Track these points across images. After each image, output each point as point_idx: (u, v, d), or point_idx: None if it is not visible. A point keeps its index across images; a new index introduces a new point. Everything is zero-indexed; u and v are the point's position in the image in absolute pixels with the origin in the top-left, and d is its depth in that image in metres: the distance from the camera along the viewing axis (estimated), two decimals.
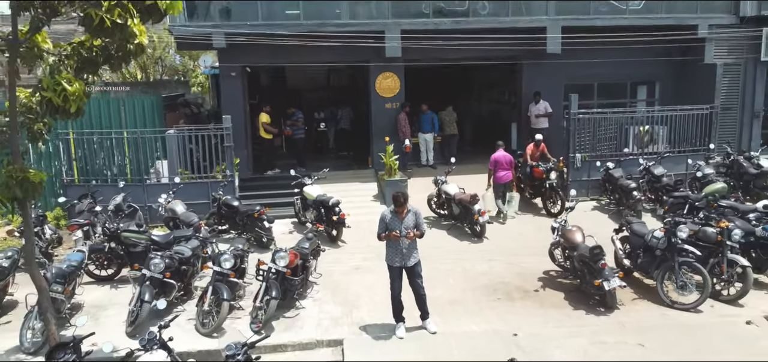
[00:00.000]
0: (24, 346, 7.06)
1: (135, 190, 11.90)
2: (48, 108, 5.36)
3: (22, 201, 5.56)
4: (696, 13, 14.41)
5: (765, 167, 12.70)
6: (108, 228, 9.24)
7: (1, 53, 5.49)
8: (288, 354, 7.07)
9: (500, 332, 7.12)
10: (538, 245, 9.76)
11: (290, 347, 7.15)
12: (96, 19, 4.90)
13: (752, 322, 7.38)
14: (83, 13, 5.03)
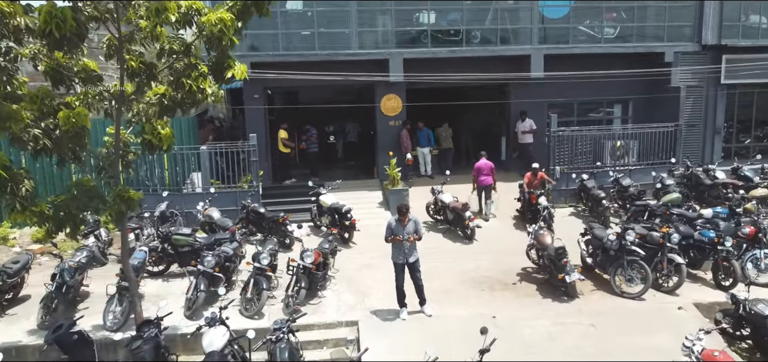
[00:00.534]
0: (107, 325, 8.92)
1: (174, 198, 13.76)
2: (146, 146, 7.23)
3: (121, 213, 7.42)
4: (663, 41, 16.31)
5: (720, 179, 14.59)
6: (162, 232, 11.11)
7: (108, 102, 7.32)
8: (315, 332, 8.93)
9: (483, 315, 8.95)
10: (520, 247, 11.56)
11: (316, 326, 9.01)
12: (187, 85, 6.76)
13: (683, 308, 9.24)
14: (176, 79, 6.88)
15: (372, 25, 15.47)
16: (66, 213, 7.00)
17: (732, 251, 9.97)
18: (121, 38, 6.86)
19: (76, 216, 7.17)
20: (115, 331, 8.84)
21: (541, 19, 15.89)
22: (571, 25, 16.06)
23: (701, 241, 10.34)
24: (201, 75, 6.90)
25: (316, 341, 8.75)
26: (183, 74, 6.88)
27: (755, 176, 14.80)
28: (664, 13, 16.34)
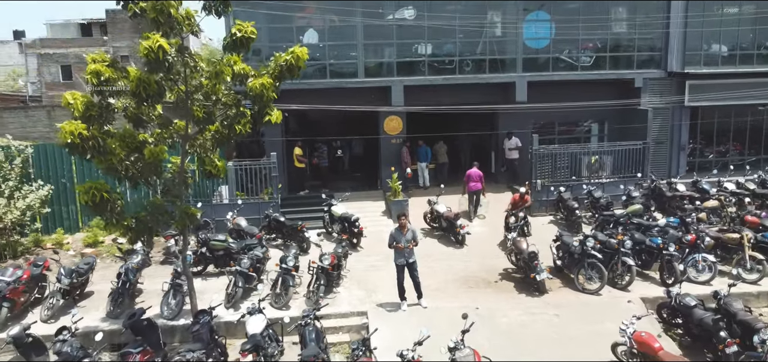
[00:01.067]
0: (164, 314, 10.97)
1: (206, 208, 15.80)
2: (205, 173, 9.30)
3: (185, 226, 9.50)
4: (633, 69, 18.40)
5: (679, 191, 16.65)
6: (202, 238, 13.18)
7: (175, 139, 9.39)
8: (332, 320, 10.96)
9: (467, 306, 10.94)
10: (503, 252, 13.63)
11: (334, 316, 11.06)
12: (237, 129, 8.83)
13: (631, 302, 11.28)
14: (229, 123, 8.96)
15: (376, 57, 17.56)
16: (144, 226, 9.08)
17: (675, 255, 12.01)
18: (188, 93, 8.93)
19: (152, 229, 9.24)
20: (171, 320, 10.91)
21: (525, 49, 17.99)
22: (552, 54, 18.16)
23: (650, 247, 12.41)
24: (247, 121, 8.99)
25: (334, 327, 10.80)
26: (234, 120, 8.95)
27: (711, 188, 16.84)
28: (634, 43, 18.44)
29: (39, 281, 11.76)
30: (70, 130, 8.12)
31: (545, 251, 12.78)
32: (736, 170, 18.44)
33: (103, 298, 11.79)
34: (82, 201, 8.82)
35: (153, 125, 9.33)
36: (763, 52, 19.02)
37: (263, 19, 16.61)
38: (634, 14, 18.38)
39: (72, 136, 8.08)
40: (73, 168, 15.84)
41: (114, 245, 15.07)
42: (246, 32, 8.75)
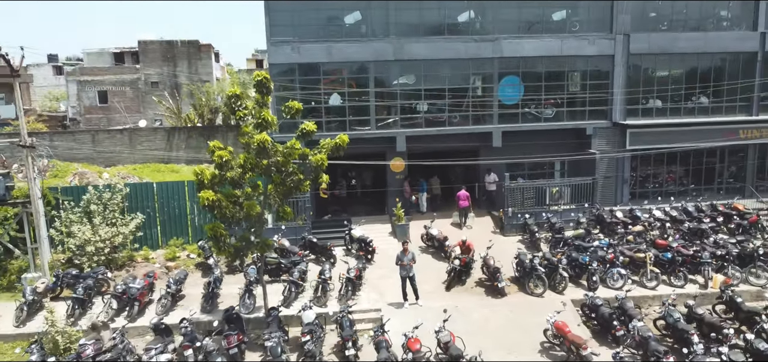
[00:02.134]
0: (242, 311, 15.81)
1: None
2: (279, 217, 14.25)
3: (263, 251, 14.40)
4: (585, 120, 23.30)
5: (617, 218, 21.51)
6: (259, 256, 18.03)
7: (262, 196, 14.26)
8: (358, 314, 15.78)
9: (449, 305, 15.80)
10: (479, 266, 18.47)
11: (357, 311, 15.87)
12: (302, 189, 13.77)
13: (564, 302, 16.12)
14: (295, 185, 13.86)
15: (384, 114, 22.50)
16: (239, 251, 13.98)
17: (596, 269, 16.86)
18: (269, 167, 13.80)
19: (243, 254, 14.14)
20: (248, 314, 15.76)
21: (500, 105, 22.90)
22: (521, 110, 23.07)
23: (581, 263, 17.30)
24: (307, 183, 13.89)
25: (359, 319, 15.65)
26: (299, 184, 13.84)
27: (642, 215, 21.68)
28: (586, 100, 23.35)
29: (151, 288, 16.68)
30: (206, 196, 12.99)
31: (508, 266, 17.69)
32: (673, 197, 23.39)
33: (194, 299, 16.68)
34: (208, 234, 13.73)
35: (245, 185, 14.19)
36: (689, 106, 23.92)
37: (300, 83, 21.56)
38: (586, 79, 23.28)
39: (207, 201, 12.96)
40: (155, 203, 20.70)
41: (188, 259, 19.96)
42: (308, 128, 13.69)
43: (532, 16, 22.62)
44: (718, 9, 23.65)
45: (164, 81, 51.01)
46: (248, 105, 13.96)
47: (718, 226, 20.93)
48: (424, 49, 21.85)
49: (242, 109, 13.78)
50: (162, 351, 13.07)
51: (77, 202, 19.32)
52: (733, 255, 17.44)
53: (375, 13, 21.66)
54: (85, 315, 15.68)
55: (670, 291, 16.02)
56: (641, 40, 22.87)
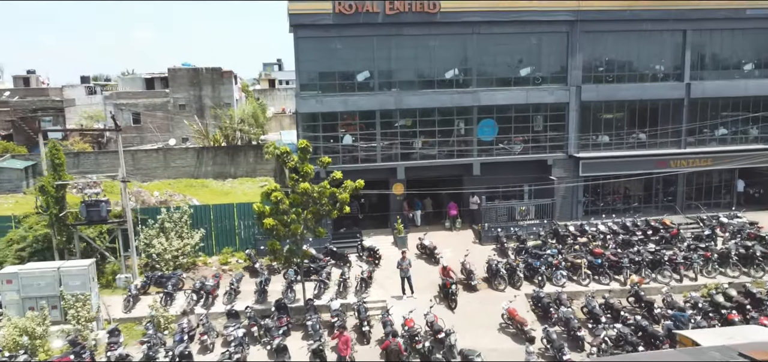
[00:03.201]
0: (285, 302, 21.64)
1: None
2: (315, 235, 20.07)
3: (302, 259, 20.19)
4: (546, 153, 29.15)
5: (570, 231, 27.32)
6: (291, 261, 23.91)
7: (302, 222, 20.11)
8: (369, 304, 21.57)
9: (435, 297, 21.67)
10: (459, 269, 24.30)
11: (370, 302, 21.62)
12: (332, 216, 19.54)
13: (518, 295, 21.97)
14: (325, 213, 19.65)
15: (387, 150, 28.37)
16: (288, 258, 19.85)
17: (544, 271, 22.67)
18: (308, 201, 19.65)
19: (291, 260, 20.01)
20: (290, 305, 21.58)
21: (479, 142, 28.75)
22: (495, 146, 28.94)
23: (534, 267, 23.14)
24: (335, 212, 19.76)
25: (370, 308, 21.44)
26: (329, 212, 19.68)
27: (589, 229, 27.46)
28: (547, 137, 29.22)
29: (218, 285, 22.54)
30: (267, 223, 18.84)
31: (481, 269, 23.52)
32: (614, 215, 29.23)
33: (248, 294, 22.49)
34: (269, 249, 19.63)
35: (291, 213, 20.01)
36: (629, 141, 29.79)
37: (321, 129, 27.49)
38: (547, 120, 29.15)
39: (269, 226, 18.83)
40: (211, 220, 26.54)
41: (237, 264, 25.82)
42: (337, 175, 19.59)
43: (503, 73, 28.53)
44: (653, 64, 29.53)
45: (191, 103, 57.01)
46: (294, 158, 19.79)
47: (647, 238, 26.73)
48: (418, 100, 27.75)
49: (290, 161, 19.65)
50: (237, 327, 18.91)
51: (154, 220, 25.20)
52: (647, 261, 23.29)
53: (380, 71, 27.56)
54: (172, 304, 21.51)
55: (599, 288, 21.91)
56: (590, 90, 28.74)
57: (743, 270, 23.19)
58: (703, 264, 23.25)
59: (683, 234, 26.91)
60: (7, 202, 41.49)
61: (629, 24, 28.48)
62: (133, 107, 56.46)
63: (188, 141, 55.00)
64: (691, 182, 30.62)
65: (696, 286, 22.18)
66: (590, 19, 27.96)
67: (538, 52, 28.73)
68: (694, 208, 30.18)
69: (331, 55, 27.17)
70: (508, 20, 27.44)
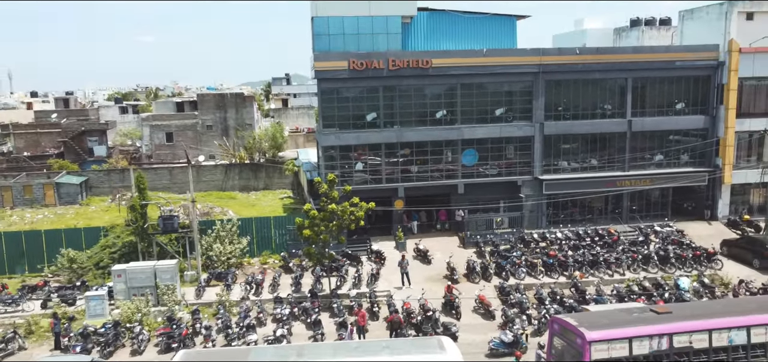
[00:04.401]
0: (317, 291, 28.81)
1: None
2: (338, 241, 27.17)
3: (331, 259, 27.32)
4: (517, 175, 36.32)
5: (534, 238, 34.44)
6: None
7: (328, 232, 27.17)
8: (379, 293, 28.78)
9: (427, 288, 28.74)
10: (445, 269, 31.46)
11: (378, 292, 28.79)
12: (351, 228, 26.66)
13: (488, 285, 29.12)
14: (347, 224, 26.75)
15: (390, 174, 35.58)
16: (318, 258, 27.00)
17: (508, 268, 29.80)
18: (334, 217, 26.77)
19: (319, 260, 27.15)
20: (319, 293, 28.71)
21: (463, 167, 35.93)
22: (476, 170, 36.13)
23: (503, 265, 30.28)
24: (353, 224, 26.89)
25: (378, 295, 28.60)
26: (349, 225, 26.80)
27: (550, 236, 34.55)
28: (517, 163, 36.39)
29: (264, 279, 29.71)
30: (306, 233, 26.01)
31: (462, 267, 30.65)
32: (570, 224, 36.34)
33: (284, 286, 29.61)
34: (306, 253, 26.83)
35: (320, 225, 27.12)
36: (583, 166, 36.95)
37: (339, 157, 34.74)
38: (517, 149, 36.34)
39: (306, 234, 26.00)
40: (253, 230, 33.70)
41: (274, 264, 32.98)
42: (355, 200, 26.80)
43: (482, 113, 35.73)
44: (601, 104, 36.72)
45: (216, 124, 64.35)
46: (324, 186, 26.91)
47: (594, 243, 33.81)
48: (415, 135, 34.97)
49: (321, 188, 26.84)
50: (283, 308, 26.02)
51: (212, 230, 32.36)
52: (588, 261, 30.42)
53: (385, 113, 34.79)
54: (230, 293, 28.62)
55: (550, 281, 29.07)
56: (551, 125, 35.93)
57: (661, 268, 30.32)
58: (630, 264, 30.42)
59: (623, 239, 34.08)
60: (68, 213, 48.90)
61: (582, 73, 35.71)
62: (166, 128, 63.70)
63: (214, 158, 62.29)
64: (634, 198, 37.78)
65: (623, 280, 29.30)
66: (550, 71, 35.19)
67: (509, 96, 35.93)
68: (635, 219, 37.30)
69: (346, 100, 34.42)
70: (485, 72, 34.66)
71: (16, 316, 26.66)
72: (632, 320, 17.99)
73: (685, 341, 17.23)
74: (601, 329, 17.14)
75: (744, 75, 36.16)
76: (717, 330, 17.44)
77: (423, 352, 16.78)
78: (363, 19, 34.35)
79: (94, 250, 31.35)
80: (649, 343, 17.08)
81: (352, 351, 17.42)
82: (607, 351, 16.80)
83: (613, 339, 16.94)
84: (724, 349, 17.41)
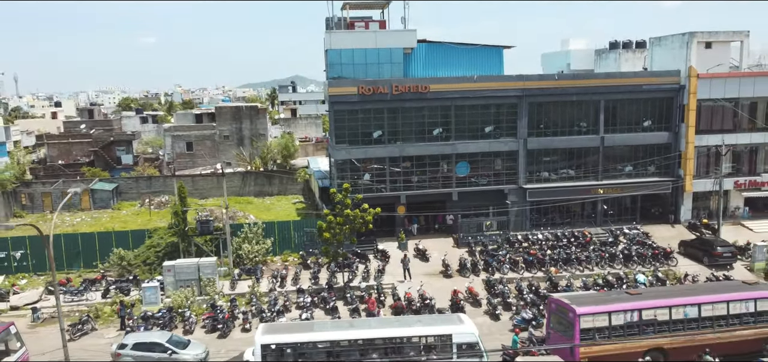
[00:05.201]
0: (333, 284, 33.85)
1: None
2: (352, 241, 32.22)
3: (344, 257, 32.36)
4: (503, 185, 41.36)
5: (519, 238, 39.47)
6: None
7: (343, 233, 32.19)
8: (385, 286, 33.84)
9: (427, 281, 33.79)
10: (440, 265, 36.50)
11: (385, 284, 33.85)
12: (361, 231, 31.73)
13: (473, 278, 34.19)
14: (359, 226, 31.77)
15: (393, 184, 40.65)
16: (335, 255, 32.05)
17: (494, 264, 34.83)
18: (348, 221, 31.80)
19: (334, 257, 32.18)
20: (335, 285, 33.76)
21: (457, 177, 40.99)
22: (468, 180, 41.19)
23: (490, 262, 35.33)
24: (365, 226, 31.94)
25: (384, 286, 33.63)
26: (360, 228, 31.84)
27: (532, 237, 39.56)
28: (504, 174, 41.45)
29: (286, 274, 34.76)
30: (326, 234, 31.07)
31: (456, 264, 35.69)
32: (549, 227, 41.36)
33: (304, 279, 34.66)
34: (324, 251, 31.90)
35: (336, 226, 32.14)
36: (563, 176, 42.00)
37: (349, 169, 39.83)
38: (504, 162, 41.39)
39: (327, 235, 31.06)
40: (276, 232, 38.76)
41: (293, 261, 38.02)
42: (365, 207, 31.86)
43: (473, 130, 40.79)
44: (577, 122, 41.77)
45: (233, 135, 69.40)
46: (339, 196, 32.01)
47: (569, 243, 38.82)
48: (415, 149, 40.03)
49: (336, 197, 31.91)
50: (305, 297, 31.04)
51: (241, 232, 37.44)
52: (562, 258, 35.46)
53: (389, 131, 39.84)
54: (259, 285, 33.64)
55: (529, 275, 34.09)
56: (533, 141, 40.98)
57: (624, 265, 35.34)
58: (599, 261, 35.46)
59: (595, 240, 39.14)
60: (103, 216, 54.04)
61: (560, 96, 40.79)
62: (186, 138, 68.79)
63: (231, 165, 67.36)
64: (607, 204, 42.83)
65: (591, 275, 34.32)
66: (532, 94, 40.26)
67: (496, 116, 40.99)
68: (607, 222, 42.36)
69: (356, 120, 39.49)
70: (475, 96, 39.74)
71: (81, 304, 31.73)
72: (611, 299, 23.63)
73: (651, 314, 22.62)
74: (587, 305, 22.46)
75: (702, 97, 41.21)
76: (675, 306, 22.90)
77: (447, 325, 22.13)
78: (370, 50, 39.43)
79: (141, 249, 36.42)
80: (624, 316, 22.46)
81: (393, 323, 22.76)
82: (591, 321, 22.11)
83: (596, 313, 22.29)
84: (681, 320, 22.79)
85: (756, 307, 23.12)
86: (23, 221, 49.02)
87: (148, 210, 54.12)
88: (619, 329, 22.29)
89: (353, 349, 21.19)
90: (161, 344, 23.84)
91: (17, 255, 36.49)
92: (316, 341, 21.28)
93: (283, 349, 21.04)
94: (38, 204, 55.86)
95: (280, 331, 22.39)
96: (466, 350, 21.04)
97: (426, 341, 21.31)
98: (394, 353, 21.02)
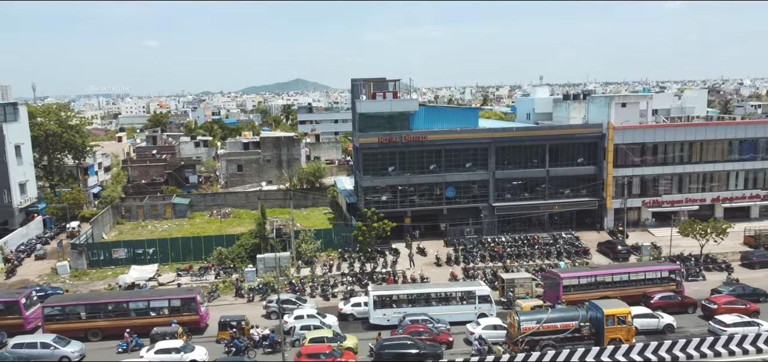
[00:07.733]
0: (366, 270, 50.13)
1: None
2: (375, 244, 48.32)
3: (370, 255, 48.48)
4: (479, 203, 57.63)
5: (489, 241, 55.65)
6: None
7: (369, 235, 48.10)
8: (397, 271, 50.05)
9: (425, 270, 49.95)
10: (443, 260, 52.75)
11: (397, 270, 50.12)
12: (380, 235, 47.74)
13: (458, 267, 50.39)
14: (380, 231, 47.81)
15: (402, 202, 56.99)
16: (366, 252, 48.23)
17: (471, 258, 51.01)
18: (372, 230, 47.89)
19: (365, 253, 48.33)
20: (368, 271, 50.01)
21: (446, 197, 57.24)
22: (454, 200, 57.44)
23: (467, 256, 51.55)
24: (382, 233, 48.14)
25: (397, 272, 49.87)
26: (380, 234, 47.97)
27: (498, 240, 55.67)
28: (479, 196, 57.74)
29: (332, 264, 51.07)
30: (360, 238, 47.27)
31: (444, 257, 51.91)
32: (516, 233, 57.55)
33: (344, 269, 50.89)
34: (359, 249, 48.18)
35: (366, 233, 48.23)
36: (526, 196, 58.25)
37: (372, 193, 56.27)
38: (479, 188, 57.64)
39: (361, 238, 47.26)
40: (322, 236, 55.06)
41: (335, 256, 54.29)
42: (385, 221, 48.13)
43: (458, 166, 57.11)
44: (531, 159, 58.09)
45: (274, 159, 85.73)
46: (368, 212, 48.29)
47: (524, 244, 54.92)
48: (418, 179, 56.36)
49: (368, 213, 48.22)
50: (347, 278, 47.24)
51: (298, 235, 53.77)
52: (515, 253, 51.72)
53: (400, 165, 56.20)
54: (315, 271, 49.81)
55: (492, 265, 50.35)
56: (499, 173, 57.25)
57: (556, 257, 51.51)
58: (539, 256, 51.70)
59: (541, 242, 55.43)
60: (182, 224, 70.34)
61: (519, 142, 57.07)
62: (237, 161, 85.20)
63: (272, 183, 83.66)
64: (555, 216, 59.12)
65: (534, 265, 50.51)
66: (498, 140, 56.55)
67: (473, 155, 57.28)
68: (551, 229, 58.69)
69: (377, 159, 55.79)
70: (459, 142, 56.03)
71: (203, 282, 48.12)
72: (579, 270, 40.72)
73: (602, 278, 39.37)
74: (567, 274, 39.42)
75: (618, 142, 57.53)
76: (613, 274, 39.75)
77: (472, 286, 38.92)
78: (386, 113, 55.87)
79: (233, 247, 52.80)
80: (588, 280, 39.30)
81: (441, 285, 39.49)
82: (569, 281, 38.76)
83: (571, 277, 39.26)
84: (616, 282, 39.49)
85: (646, 276, 40.28)
86: (125, 227, 65.58)
87: (217, 219, 70.53)
88: (585, 286, 39.16)
89: (421, 298, 37.96)
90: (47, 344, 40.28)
91: (150, 251, 52.95)
92: (400, 293, 38.17)
93: (384, 298, 37.73)
94: (134, 215, 72.17)
95: (382, 289, 39.22)
96: (483, 300, 37.94)
97: (460, 294, 38.20)
98: (443, 301, 37.92)
